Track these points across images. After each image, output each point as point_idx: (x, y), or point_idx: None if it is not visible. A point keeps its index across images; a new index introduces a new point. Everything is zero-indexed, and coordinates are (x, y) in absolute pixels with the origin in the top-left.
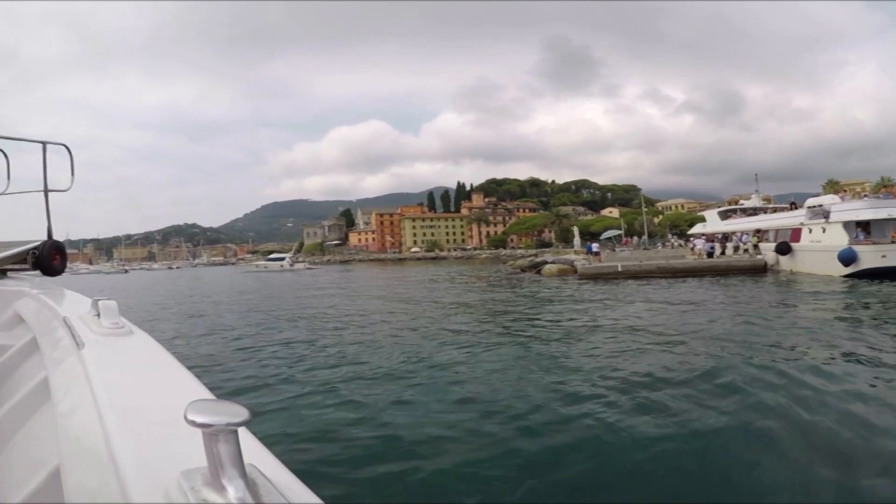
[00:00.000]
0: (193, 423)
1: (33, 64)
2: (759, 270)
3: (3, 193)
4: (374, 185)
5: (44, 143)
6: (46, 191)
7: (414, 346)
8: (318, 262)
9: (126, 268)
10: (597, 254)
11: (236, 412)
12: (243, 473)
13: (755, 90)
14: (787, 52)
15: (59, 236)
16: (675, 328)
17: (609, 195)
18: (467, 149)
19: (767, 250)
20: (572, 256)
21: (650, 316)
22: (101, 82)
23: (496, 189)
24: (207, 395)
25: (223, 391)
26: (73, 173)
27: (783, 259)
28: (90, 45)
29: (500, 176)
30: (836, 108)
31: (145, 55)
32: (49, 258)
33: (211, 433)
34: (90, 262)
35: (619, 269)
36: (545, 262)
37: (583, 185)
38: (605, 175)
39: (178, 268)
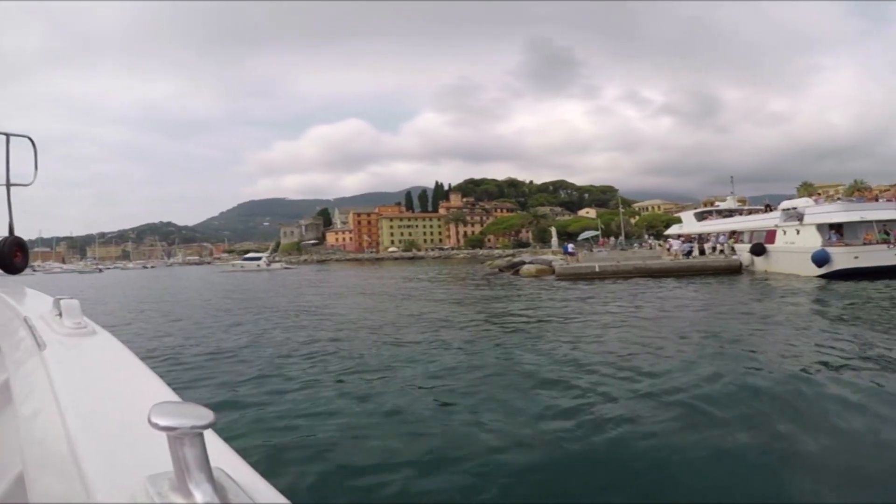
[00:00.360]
0: (157, 427)
1: (11, 58)
2: (735, 271)
3: None
4: (352, 184)
5: (7, 136)
6: (8, 185)
7: (399, 346)
8: (295, 261)
9: (100, 267)
10: (573, 254)
11: (201, 414)
12: (210, 477)
13: (733, 93)
14: (765, 56)
15: (31, 234)
16: (654, 327)
17: (586, 196)
18: (446, 148)
19: (742, 251)
20: (550, 257)
21: (628, 315)
22: (81, 78)
23: (474, 189)
24: (173, 396)
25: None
26: (36, 167)
27: (758, 260)
28: (70, 41)
29: (478, 176)
30: (812, 112)
31: (126, 51)
32: (10, 255)
33: (176, 436)
34: (63, 261)
35: (597, 269)
36: (523, 263)
37: (560, 185)
38: (583, 176)
39: (152, 267)
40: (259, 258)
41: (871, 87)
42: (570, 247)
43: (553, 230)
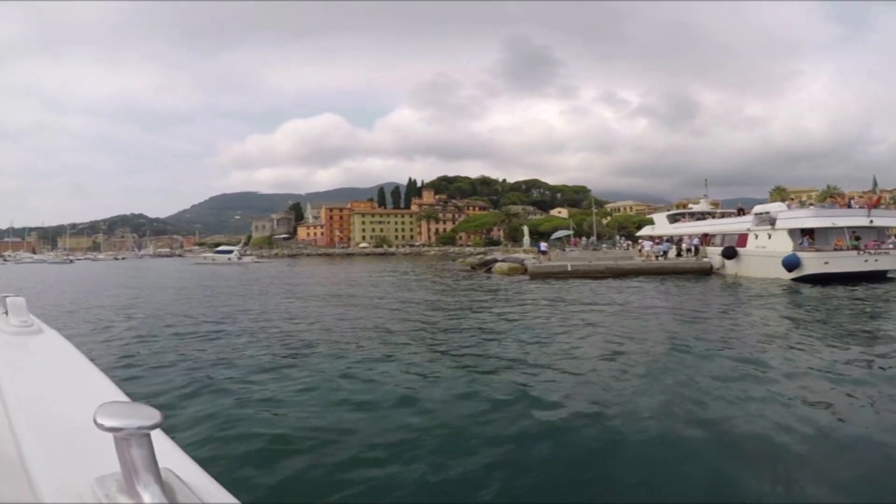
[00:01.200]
0: (103, 427)
1: None
2: (705, 273)
3: None
4: (325, 179)
5: None
6: None
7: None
8: (266, 255)
9: (71, 258)
10: (545, 253)
11: (148, 415)
12: (158, 478)
13: (710, 96)
14: (744, 61)
15: (2, 224)
16: (626, 324)
17: (559, 195)
18: (421, 145)
19: (714, 254)
20: (522, 255)
21: (601, 312)
22: (53, 68)
23: (447, 186)
24: (121, 396)
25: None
26: None
27: (729, 263)
28: (43, 31)
29: (451, 173)
30: (788, 117)
31: (100, 42)
32: None
33: (122, 437)
34: (34, 251)
35: (569, 268)
36: (495, 261)
37: (533, 184)
38: (556, 175)
39: (123, 258)
40: (230, 251)
41: (847, 94)
42: (544, 246)
43: (525, 229)
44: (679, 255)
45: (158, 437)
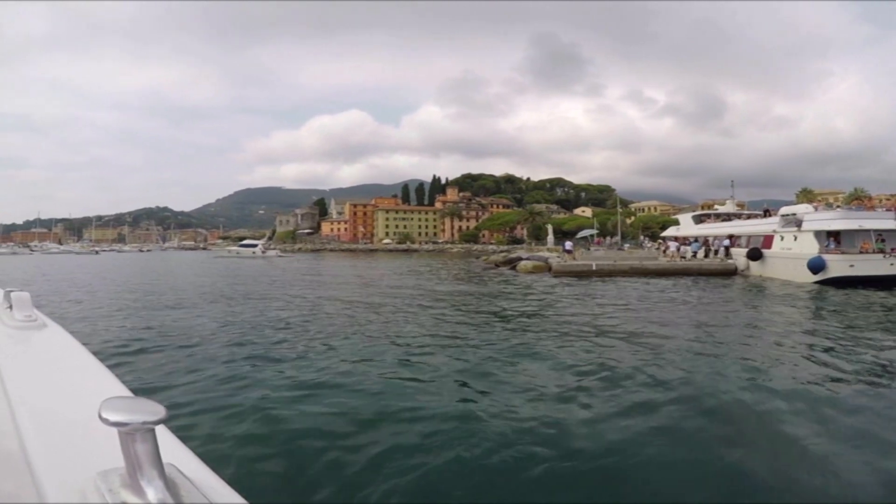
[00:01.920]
0: (108, 422)
1: (13, 41)
2: (730, 274)
3: None
4: (350, 175)
5: None
6: None
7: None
8: (290, 250)
9: (97, 249)
10: (570, 252)
11: (153, 410)
12: (162, 473)
13: (738, 96)
14: (773, 60)
15: (30, 215)
16: (648, 325)
17: (583, 194)
18: (446, 142)
19: (738, 255)
20: (546, 254)
21: (625, 311)
22: (83, 62)
23: (471, 184)
24: (124, 391)
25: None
26: None
27: (753, 265)
28: (74, 25)
29: (476, 171)
30: (817, 118)
31: (130, 36)
32: None
33: (127, 432)
34: (60, 242)
35: (594, 267)
36: (520, 259)
37: (557, 183)
38: (581, 174)
39: (148, 251)
40: (255, 245)
41: (877, 94)
42: (569, 245)
43: (549, 227)
44: (706, 255)
45: (162, 432)
